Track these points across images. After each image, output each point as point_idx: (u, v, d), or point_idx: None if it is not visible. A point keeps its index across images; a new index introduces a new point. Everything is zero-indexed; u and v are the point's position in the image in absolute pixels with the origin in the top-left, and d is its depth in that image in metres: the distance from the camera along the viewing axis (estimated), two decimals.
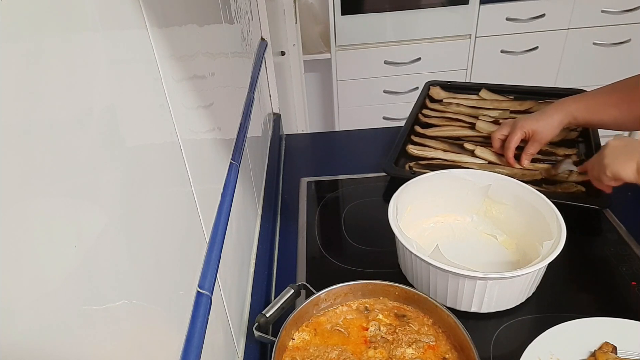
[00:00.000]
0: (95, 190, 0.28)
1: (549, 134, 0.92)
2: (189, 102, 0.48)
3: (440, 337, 0.62)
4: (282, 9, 1.72)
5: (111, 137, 0.31)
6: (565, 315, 0.64)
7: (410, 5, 2.03)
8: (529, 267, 0.64)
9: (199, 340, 0.42)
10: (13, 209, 0.21)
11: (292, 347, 0.61)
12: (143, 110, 0.37)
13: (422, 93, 1.24)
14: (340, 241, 0.89)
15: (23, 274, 0.21)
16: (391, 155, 1.00)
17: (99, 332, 0.27)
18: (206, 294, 0.46)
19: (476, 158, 0.99)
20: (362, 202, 0.99)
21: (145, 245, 0.35)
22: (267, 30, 1.25)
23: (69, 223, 0.25)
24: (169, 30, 0.43)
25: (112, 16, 0.32)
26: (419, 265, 0.69)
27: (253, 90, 0.91)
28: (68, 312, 0.24)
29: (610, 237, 0.83)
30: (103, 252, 0.28)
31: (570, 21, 2.09)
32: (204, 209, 0.50)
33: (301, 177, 1.07)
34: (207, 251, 0.50)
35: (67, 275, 0.24)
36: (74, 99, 0.26)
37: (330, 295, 0.66)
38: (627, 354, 0.60)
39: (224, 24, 0.71)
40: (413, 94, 2.09)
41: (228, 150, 0.66)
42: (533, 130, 0.91)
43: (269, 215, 0.93)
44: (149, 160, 0.37)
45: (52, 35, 0.25)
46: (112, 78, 0.31)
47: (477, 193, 0.83)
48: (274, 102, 1.36)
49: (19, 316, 0.21)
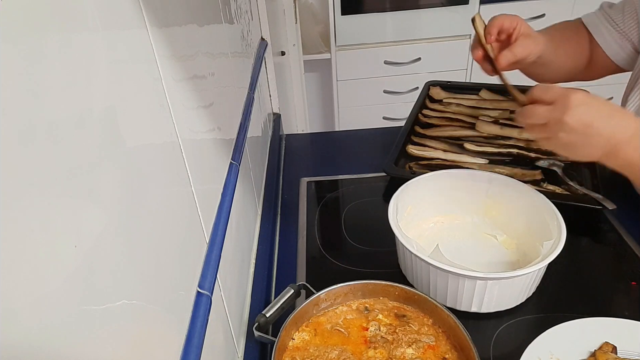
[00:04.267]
0: (95, 190, 0.28)
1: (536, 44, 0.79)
2: (189, 102, 0.48)
3: (440, 337, 0.62)
4: (282, 9, 1.72)
5: (111, 137, 0.31)
6: (565, 315, 0.64)
7: (410, 5, 2.04)
8: (529, 267, 0.64)
9: (199, 340, 0.42)
10: (13, 209, 0.21)
11: (292, 347, 0.61)
12: (143, 110, 0.37)
13: (422, 93, 1.24)
14: (340, 241, 0.89)
15: (23, 274, 0.21)
16: (391, 155, 1.00)
17: (99, 332, 0.27)
18: (206, 294, 0.46)
19: (476, 158, 1.00)
20: (362, 202, 0.99)
21: (145, 245, 0.35)
22: (267, 30, 1.25)
23: (69, 223, 0.25)
24: (169, 30, 0.43)
25: (112, 16, 0.32)
26: (419, 265, 0.69)
27: (253, 90, 0.91)
28: (68, 312, 0.24)
29: (610, 237, 0.83)
30: (103, 252, 0.28)
31: None
32: (204, 209, 0.50)
33: (301, 177, 1.07)
34: (207, 251, 0.50)
35: (67, 275, 0.24)
36: (74, 99, 0.26)
37: (330, 295, 0.66)
38: (627, 354, 0.60)
39: (224, 24, 0.71)
40: (413, 94, 2.09)
41: (228, 150, 0.66)
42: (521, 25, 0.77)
43: (269, 215, 0.93)
44: (149, 160, 0.37)
45: (52, 35, 0.25)
46: (112, 78, 0.31)
47: (477, 193, 0.83)
48: (274, 102, 1.36)
49: (19, 316, 0.21)
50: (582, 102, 0.58)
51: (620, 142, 0.58)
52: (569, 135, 0.59)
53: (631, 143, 0.58)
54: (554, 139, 0.60)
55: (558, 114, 0.59)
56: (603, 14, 0.83)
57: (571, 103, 0.58)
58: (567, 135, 0.59)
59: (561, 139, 0.60)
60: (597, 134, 0.58)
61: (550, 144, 0.62)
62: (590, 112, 0.58)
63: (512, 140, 1.03)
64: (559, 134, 0.59)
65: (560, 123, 0.59)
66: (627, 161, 0.59)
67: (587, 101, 0.58)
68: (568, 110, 0.58)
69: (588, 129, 0.58)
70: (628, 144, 0.58)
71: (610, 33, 0.81)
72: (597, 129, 0.58)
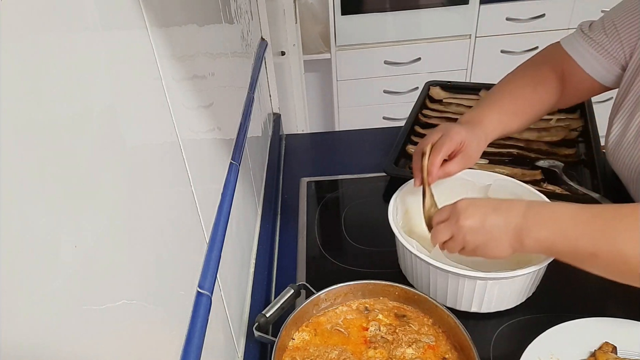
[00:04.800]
0: (95, 190, 0.28)
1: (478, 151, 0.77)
2: (189, 102, 0.48)
3: (440, 337, 0.62)
4: (282, 9, 1.72)
5: (111, 137, 0.31)
6: (565, 315, 0.64)
7: (410, 5, 2.03)
8: (529, 267, 0.64)
9: (199, 340, 0.42)
10: (13, 209, 0.21)
11: (292, 347, 0.61)
12: (143, 110, 0.37)
13: (422, 93, 1.24)
14: (340, 241, 0.89)
15: (23, 274, 0.21)
16: (391, 155, 1.00)
17: (99, 332, 0.27)
18: (206, 294, 0.46)
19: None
20: (362, 202, 0.99)
21: (145, 245, 0.35)
22: (267, 30, 1.25)
23: (69, 223, 0.25)
24: (169, 30, 0.43)
25: (112, 16, 0.32)
26: (419, 265, 0.69)
27: (253, 90, 0.91)
28: (68, 312, 0.24)
29: None
30: (103, 252, 0.28)
31: (570, 21, 2.09)
32: (204, 209, 0.50)
33: (301, 177, 1.07)
34: (207, 251, 0.50)
35: (67, 275, 0.24)
36: (74, 98, 0.26)
37: (330, 295, 0.66)
38: (627, 354, 0.60)
39: (224, 24, 0.71)
40: (413, 94, 2.09)
41: (228, 150, 0.66)
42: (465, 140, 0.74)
43: (269, 215, 0.93)
44: (149, 160, 0.37)
45: (52, 35, 0.25)
46: (112, 78, 0.31)
47: (477, 193, 0.83)
48: (274, 102, 1.36)
49: (19, 316, 0.21)
50: (468, 204, 0.64)
51: (517, 227, 0.60)
52: (473, 235, 0.62)
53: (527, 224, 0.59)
54: (465, 245, 0.63)
55: (454, 221, 0.63)
56: (583, 38, 0.80)
57: (459, 208, 0.63)
58: (472, 237, 0.62)
59: (469, 243, 0.63)
60: (494, 226, 0.61)
61: (467, 252, 0.64)
62: (478, 209, 0.62)
63: (512, 140, 1.04)
64: (465, 238, 0.63)
65: (459, 228, 0.62)
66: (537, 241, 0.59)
67: (471, 202, 0.64)
68: (460, 215, 0.63)
69: (485, 224, 0.61)
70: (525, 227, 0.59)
71: (595, 58, 0.78)
72: (491, 220, 0.61)
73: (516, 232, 0.60)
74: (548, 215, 0.59)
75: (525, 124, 0.84)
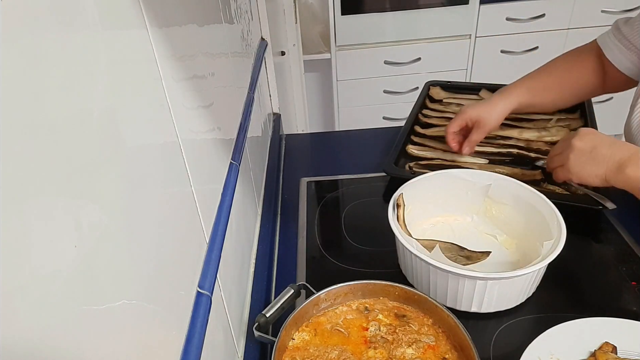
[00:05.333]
0: (95, 190, 0.28)
1: (493, 122, 0.92)
2: (189, 102, 0.48)
3: (440, 337, 0.62)
4: (282, 9, 1.72)
5: (111, 137, 0.31)
6: (565, 315, 0.64)
7: (410, 5, 2.04)
8: (529, 267, 0.64)
9: (199, 340, 0.42)
10: (13, 209, 0.21)
11: (292, 347, 0.61)
12: (143, 110, 0.37)
13: (422, 93, 1.24)
14: (340, 241, 0.89)
15: (23, 273, 0.21)
16: (391, 155, 1.00)
17: (99, 332, 0.27)
18: (206, 294, 0.46)
19: (476, 158, 1.00)
20: (362, 202, 0.99)
21: (145, 245, 0.35)
22: (267, 30, 1.25)
23: (69, 223, 0.25)
24: (169, 30, 0.43)
25: (112, 16, 0.32)
26: (419, 265, 0.69)
27: (253, 90, 0.91)
28: (68, 312, 0.24)
29: (610, 237, 0.83)
30: (103, 252, 0.28)
31: (570, 21, 2.09)
32: (204, 209, 0.50)
33: (301, 177, 1.07)
34: (207, 251, 0.50)
35: (67, 275, 0.24)
36: (74, 98, 0.26)
37: (330, 295, 0.66)
38: (627, 354, 0.60)
39: (224, 24, 0.71)
40: (413, 94, 2.09)
41: (228, 150, 0.66)
42: (476, 117, 0.92)
43: (269, 215, 0.93)
44: (149, 160, 0.37)
45: (52, 35, 0.25)
46: (112, 78, 0.31)
47: (477, 193, 0.83)
48: (274, 102, 1.36)
49: (19, 316, 0.21)
50: (590, 131, 0.75)
51: (621, 160, 0.69)
52: (576, 156, 0.73)
53: (631, 161, 0.68)
54: (566, 163, 0.75)
55: (569, 141, 0.75)
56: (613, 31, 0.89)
57: (581, 132, 0.75)
58: (575, 157, 0.74)
59: (570, 161, 0.74)
60: (600, 154, 0.71)
61: (564, 170, 0.76)
62: (595, 139, 0.73)
63: (512, 140, 1.04)
64: (569, 156, 0.74)
65: (570, 147, 0.74)
66: (629, 178, 0.68)
67: (593, 131, 0.75)
68: (577, 135, 0.75)
69: (593, 150, 0.72)
70: (629, 162, 0.68)
71: (619, 49, 0.88)
72: (601, 149, 0.72)
73: (617, 165, 0.69)
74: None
75: (560, 101, 0.97)
